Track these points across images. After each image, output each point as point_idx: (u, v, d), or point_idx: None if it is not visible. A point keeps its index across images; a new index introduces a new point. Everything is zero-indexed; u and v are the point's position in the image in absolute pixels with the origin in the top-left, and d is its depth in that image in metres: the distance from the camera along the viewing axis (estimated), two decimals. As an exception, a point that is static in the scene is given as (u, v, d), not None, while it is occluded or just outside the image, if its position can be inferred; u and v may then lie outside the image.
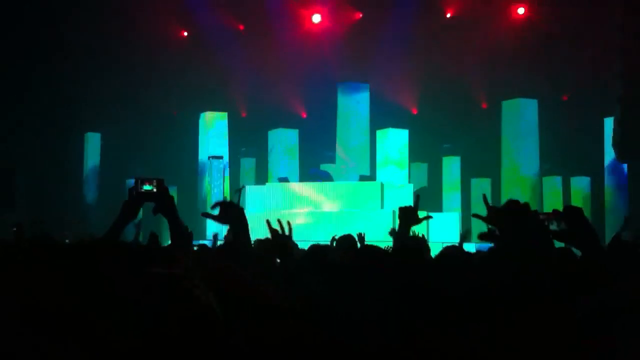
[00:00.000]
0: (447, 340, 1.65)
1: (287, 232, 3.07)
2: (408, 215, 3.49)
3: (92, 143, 18.97)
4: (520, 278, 2.05)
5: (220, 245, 4.92)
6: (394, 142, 17.13)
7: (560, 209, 2.52)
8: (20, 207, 16.08)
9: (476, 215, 3.12)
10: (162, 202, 2.54)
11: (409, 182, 16.74)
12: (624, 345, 1.70)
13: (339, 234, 6.10)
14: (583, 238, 2.18)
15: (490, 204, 3.04)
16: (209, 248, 5.32)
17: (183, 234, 2.54)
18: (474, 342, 1.69)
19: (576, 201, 17.57)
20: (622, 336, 1.71)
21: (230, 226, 2.66)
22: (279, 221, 3.07)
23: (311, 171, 16.60)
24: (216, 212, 2.66)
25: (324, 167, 17.48)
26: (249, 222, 2.70)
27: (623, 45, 12.27)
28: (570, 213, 2.27)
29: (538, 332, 1.71)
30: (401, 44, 17.12)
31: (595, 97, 15.93)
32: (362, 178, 15.99)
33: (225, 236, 6.03)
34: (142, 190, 2.54)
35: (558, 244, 2.63)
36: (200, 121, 18.44)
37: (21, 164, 16.97)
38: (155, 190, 2.54)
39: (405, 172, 17.07)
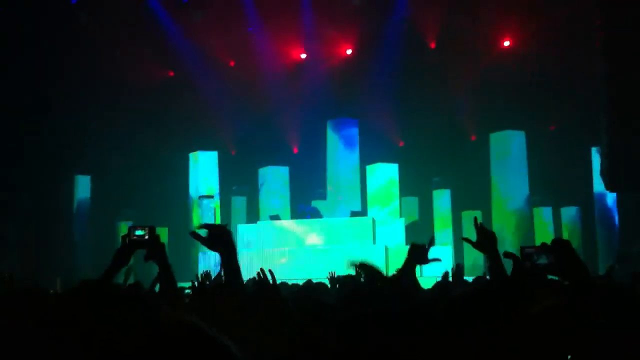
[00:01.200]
0: (448, 341, 1.65)
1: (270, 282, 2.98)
2: (417, 254, 3.45)
3: (82, 185, 18.92)
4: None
5: (215, 283, 4.85)
6: (384, 176, 17.19)
7: (551, 240, 2.53)
8: (11, 252, 15.95)
9: (466, 240, 3.16)
10: (153, 249, 2.59)
11: (400, 216, 16.76)
12: (625, 343, 1.70)
13: (331, 269, 6.09)
14: (571, 271, 2.19)
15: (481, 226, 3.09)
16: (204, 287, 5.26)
17: (174, 281, 2.59)
18: (474, 342, 1.69)
19: (566, 232, 17.61)
20: (623, 333, 1.72)
21: (219, 251, 2.58)
22: (265, 270, 2.98)
23: (299, 208, 16.56)
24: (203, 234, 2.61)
25: (315, 203, 17.48)
26: (241, 261, 2.70)
27: (608, 75, 12.46)
28: (557, 246, 2.28)
29: (538, 332, 1.71)
30: (389, 78, 17.32)
31: (582, 126, 16.10)
32: (353, 214, 15.99)
33: (217, 275, 5.95)
34: (135, 236, 2.60)
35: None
36: (190, 161, 18.46)
37: (10, 208, 16.89)
38: (147, 236, 2.60)
39: (396, 206, 17.09)
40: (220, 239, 2.57)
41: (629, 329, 1.75)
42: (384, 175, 17.19)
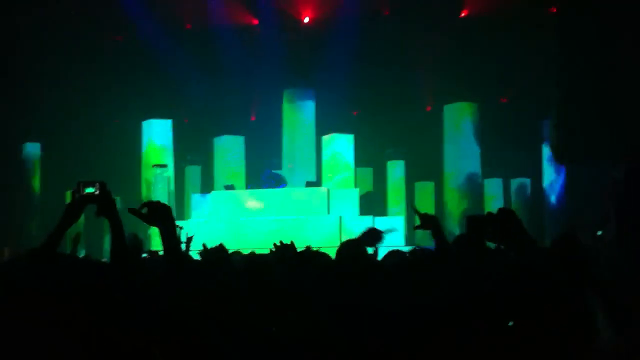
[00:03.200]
0: (447, 341, 1.67)
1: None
2: (372, 236, 3.79)
3: (32, 153, 18.47)
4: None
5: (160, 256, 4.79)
6: (340, 147, 17.21)
7: (497, 209, 2.60)
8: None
9: (417, 227, 3.36)
10: (105, 205, 2.55)
11: (355, 186, 16.85)
12: (625, 343, 1.75)
13: (285, 240, 6.09)
14: (516, 240, 2.24)
15: (420, 211, 3.38)
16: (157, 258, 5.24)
17: (124, 238, 2.55)
18: (474, 342, 1.72)
19: (516, 203, 17.99)
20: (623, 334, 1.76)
21: (158, 228, 2.59)
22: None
23: (266, 173, 16.37)
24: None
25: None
26: (194, 232, 2.70)
27: (560, 49, 12.65)
28: (502, 215, 2.32)
29: (538, 332, 1.74)
30: (346, 48, 17.25)
31: (533, 99, 16.35)
32: (309, 184, 16.02)
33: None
34: (85, 193, 2.55)
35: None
36: (143, 129, 18.15)
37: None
38: (97, 192, 2.54)
39: (351, 177, 17.17)
40: (159, 214, 2.57)
41: (628, 329, 1.79)
42: (340, 146, 17.22)
